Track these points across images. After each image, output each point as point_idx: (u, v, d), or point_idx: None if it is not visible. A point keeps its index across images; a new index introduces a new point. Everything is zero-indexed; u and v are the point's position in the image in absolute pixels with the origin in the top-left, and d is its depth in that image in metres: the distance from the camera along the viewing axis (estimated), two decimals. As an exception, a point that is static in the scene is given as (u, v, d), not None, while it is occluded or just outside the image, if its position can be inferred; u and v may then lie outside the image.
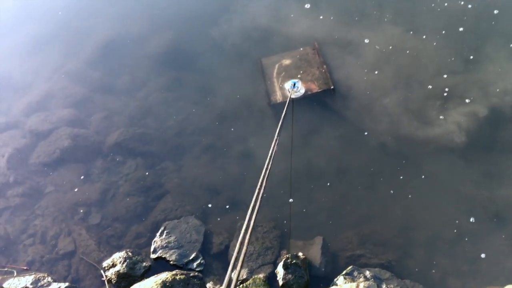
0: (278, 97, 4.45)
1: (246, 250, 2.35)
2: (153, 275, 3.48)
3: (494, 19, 4.91)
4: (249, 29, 5.16)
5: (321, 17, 5.15)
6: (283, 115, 3.63)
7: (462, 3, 5.08)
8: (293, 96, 4.32)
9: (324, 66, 4.56)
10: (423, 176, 3.97)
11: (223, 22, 5.28)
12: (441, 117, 4.26)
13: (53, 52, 5.25)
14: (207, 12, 5.47)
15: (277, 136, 3.36)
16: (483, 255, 3.53)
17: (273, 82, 4.57)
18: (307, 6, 5.26)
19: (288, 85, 4.45)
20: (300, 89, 4.44)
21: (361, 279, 3.33)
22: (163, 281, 3.27)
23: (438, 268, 3.54)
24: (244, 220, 3.61)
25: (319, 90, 4.43)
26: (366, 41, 4.85)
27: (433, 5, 5.17)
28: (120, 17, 5.47)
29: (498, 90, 4.36)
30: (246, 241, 2.40)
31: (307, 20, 5.11)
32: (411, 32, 4.94)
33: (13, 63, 5.26)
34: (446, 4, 5.15)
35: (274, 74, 4.64)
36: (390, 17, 5.08)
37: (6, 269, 3.72)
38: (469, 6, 5.03)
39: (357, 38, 4.93)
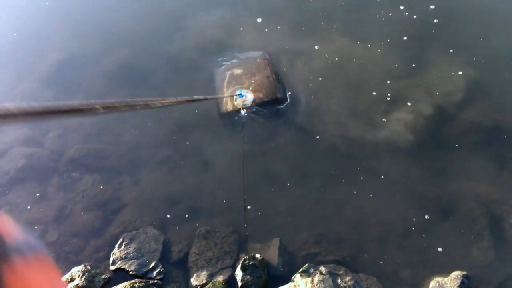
0: (228, 106, 4.67)
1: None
2: (113, 286, 3.58)
3: (434, 27, 5.34)
4: (202, 43, 5.40)
5: (272, 29, 5.46)
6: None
7: (406, 13, 5.51)
8: (241, 106, 4.56)
9: (273, 76, 4.82)
10: (374, 176, 4.25)
11: (177, 38, 5.50)
12: (386, 119, 4.59)
13: (6, 74, 5.32)
14: (160, 30, 5.68)
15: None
16: (431, 247, 3.82)
17: (223, 92, 4.80)
18: (259, 20, 5.57)
19: (235, 96, 4.67)
20: (248, 98, 4.64)
21: (317, 275, 3.54)
22: (122, 290, 3.39)
23: (390, 261, 3.80)
24: (203, 227, 3.84)
25: (266, 99, 4.66)
26: (315, 51, 5.17)
27: (377, 16, 5.58)
28: (74, 37, 5.60)
29: (440, 92, 4.74)
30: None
31: (259, 32, 5.40)
32: (358, 42, 5.31)
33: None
34: (390, 14, 5.56)
35: (225, 83, 4.87)
36: (338, 28, 5.43)
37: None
38: (413, 16, 5.45)
39: (306, 48, 5.25)
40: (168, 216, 4.14)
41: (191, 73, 5.17)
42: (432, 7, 5.48)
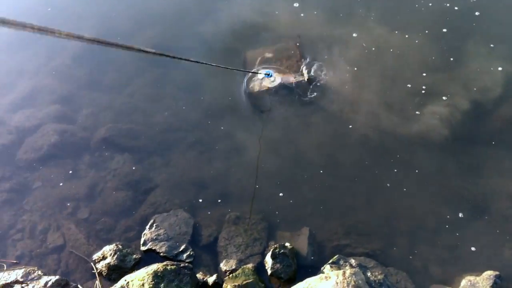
0: (256, 87, 4.69)
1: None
2: (144, 267, 3.65)
3: (475, 20, 5.24)
4: (236, 26, 5.37)
5: (308, 14, 5.40)
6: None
7: (447, 4, 5.39)
8: (269, 85, 4.58)
9: (302, 60, 4.81)
10: (406, 169, 4.23)
11: (210, 19, 5.48)
12: (421, 112, 4.54)
13: (39, 50, 5.37)
14: (193, 11, 5.66)
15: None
16: (463, 244, 3.80)
17: (255, 75, 4.82)
18: (296, 4, 5.51)
19: (261, 75, 4.72)
20: (276, 79, 4.71)
21: (347, 267, 3.56)
22: (154, 271, 3.45)
23: (421, 256, 3.79)
24: (233, 212, 3.88)
25: (294, 82, 4.65)
26: (351, 38, 5.12)
27: (417, 5, 5.47)
28: (107, 15, 5.62)
29: (477, 87, 4.66)
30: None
31: (294, 17, 5.35)
32: (396, 31, 5.23)
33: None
34: (430, 4, 5.45)
35: (255, 66, 4.91)
36: (377, 16, 5.35)
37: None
38: (454, 8, 5.34)
39: (342, 35, 5.20)
40: (199, 199, 4.18)
41: (222, 54, 5.15)
42: (474, -1, 5.37)
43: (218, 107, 4.77)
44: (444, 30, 5.19)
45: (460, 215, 3.93)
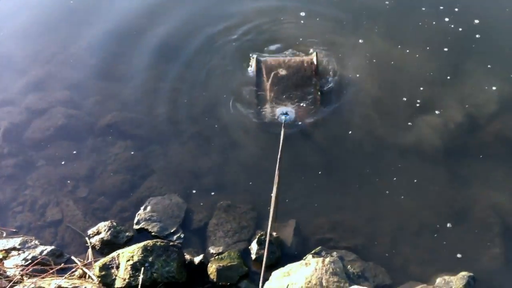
0: (268, 116, 4.89)
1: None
2: (135, 243, 3.97)
3: (475, 42, 5.60)
4: (247, 30, 5.79)
5: (313, 23, 5.81)
6: (280, 144, 4.34)
7: (451, 25, 5.77)
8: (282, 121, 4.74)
9: (319, 88, 5.03)
10: (395, 175, 4.54)
11: (221, 22, 5.90)
12: (414, 123, 4.87)
13: (55, 38, 5.81)
14: (207, 13, 6.09)
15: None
16: (443, 247, 4.09)
17: (266, 94, 5.03)
18: (302, 14, 5.93)
19: (279, 112, 4.86)
20: (291, 118, 4.83)
21: (328, 257, 3.85)
22: (144, 245, 3.77)
23: (401, 255, 4.08)
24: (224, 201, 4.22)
25: (309, 120, 4.88)
26: (354, 49, 5.51)
27: (420, 23, 5.86)
28: (123, 9, 6.08)
29: (470, 103, 5.00)
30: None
31: (302, 25, 5.78)
32: (399, 46, 5.60)
33: (15, 44, 5.80)
34: (434, 23, 5.83)
35: (268, 85, 5.04)
36: (380, 29, 5.74)
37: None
38: (459, 29, 5.71)
39: (346, 45, 5.59)
40: (193, 187, 4.52)
41: (231, 59, 5.53)
42: (476, 21, 5.74)
43: (220, 104, 5.13)
44: (445, 49, 5.54)
45: (442, 219, 4.22)
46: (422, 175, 4.53)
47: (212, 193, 4.48)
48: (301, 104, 4.97)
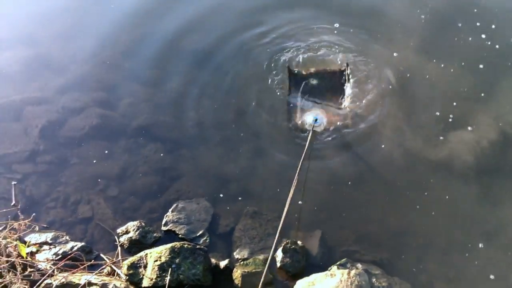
0: (298, 123, 4.97)
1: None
2: (163, 244, 4.06)
3: (510, 60, 5.52)
4: (279, 39, 5.86)
5: (346, 36, 5.83)
6: (306, 147, 4.35)
7: (488, 42, 5.71)
8: (311, 128, 4.77)
9: (347, 98, 5.10)
10: (424, 191, 4.52)
11: (255, 31, 5.99)
12: (446, 139, 4.84)
13: (92, 41, 5.99)
14: (238, 22, 6.18)
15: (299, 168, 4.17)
16: (471, 266, 4.04)
17: (296, 102, 5.11)
18: (336, 25, 5.97)
19: (310, 118, 4.91)
20: (322, 125, 4.90)
21: (353, 269, 3.86)
22: (172, 247, 3.86)
23: (427, 272, 4.06)
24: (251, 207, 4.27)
25: (338, 124, 4.94)
26: (388, 62, 5.49)
27: (456, 39, 5.81)
28: (159, 16, 6.23)
29: (504, 121, 4.94)
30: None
31: (335, 36, 5.80)
32: (434, 60, 5.57)
33: (54, 46, 6.01)
34: (470, 39, 5.79)
35: (299, 93, 5.16)
36: (415, 43, 5.72)
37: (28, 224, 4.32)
38: (496, 46, 5.64)
39: (380, 59, 5.57)
40: (221, 192, 4.59)
41: (263, 67, 5.59)
42: (512, 40, 5.68)
43: (250, 111, 5.20)
44: (481, 66, 5.48)
45: (474, 239, 4.18)
46: (453, 192, 4.50)
47: (239, 199, 4.54)
48: (331, 112, 5.03)
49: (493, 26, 5.81)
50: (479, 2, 6.09)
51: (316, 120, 4.86)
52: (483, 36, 5.74)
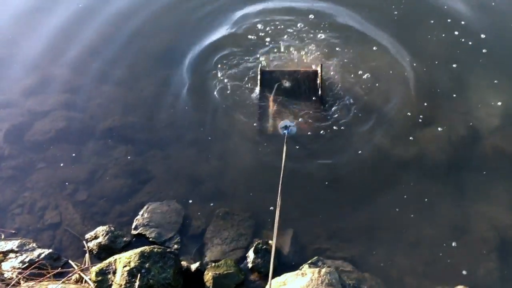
0: (270, 128, 4.97)
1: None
2: (132, 249, 4.05)
3: (482, 57, 5.63)
4: (250, 39, 5.87)
5: (319, 39, 5.88)
6: (284, 154, 4.30)
7: (462, 39, 5.80)
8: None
9: (322, 103, 5.11)
10: (396, 188, 4.61)
11: (227, 28, 5.99)
12: (416, 138, 4.93)
13: (57, 41, 5.92)
14: (211, 23, 6.18)
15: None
16: (439, 259, 4.15)
17: (269, 104, 5.11)
18: (311, 16, 6.00)
19: (281, 126, 4.93)
20: (293, 131, 4.90)
21: (324, 267, 3.92)
22: (141, 251, 3.84)
23: (397, 267, 4.15)
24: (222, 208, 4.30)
25: (309, 133, 4.95)
26: (361, 61, 5.56)
27: (429, 36, 5.89)
28: (125, 15, 6.18)
29: (474, 118, 5.05)
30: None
31: (307, 36, 5.85)
32: (407, 59, 5.64)
33: (18, 47, 5.92)
34: (443, 35, 5.87)
35: (272, 95, 5.16)
36: (388, 42, 5.79)
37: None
38: (469, 43, 5.74)
39: (352, 58, 5.63)
40: (192, 194, 4.60)
41: (235, 67, 5.59)
42: (483, 36, 5.77)
43: (222, 111, 5.21)
44: (454, 65, 5.54)
45: (441, 234, 4.29)
46: (423, 189, 4.59)
47: (211, 200, 4.56)
48: (304, 117, 5.04)
49: (463, 23, 5.91)
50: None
51: (287, 127, 4.88)
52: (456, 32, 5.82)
